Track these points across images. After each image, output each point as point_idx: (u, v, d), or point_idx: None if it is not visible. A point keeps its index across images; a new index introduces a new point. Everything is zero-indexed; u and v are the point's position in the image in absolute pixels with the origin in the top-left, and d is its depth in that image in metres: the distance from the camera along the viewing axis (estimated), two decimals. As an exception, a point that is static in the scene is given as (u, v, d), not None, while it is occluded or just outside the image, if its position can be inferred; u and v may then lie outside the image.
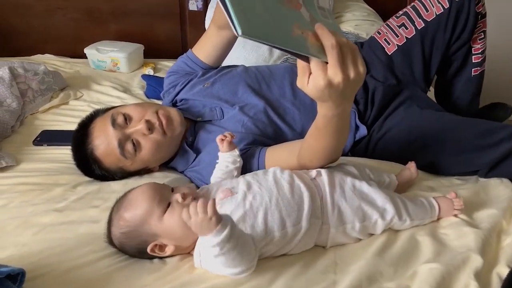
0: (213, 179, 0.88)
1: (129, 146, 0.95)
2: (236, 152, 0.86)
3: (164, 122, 0.98)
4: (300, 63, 0.59)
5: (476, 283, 0.68)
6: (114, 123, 0.95)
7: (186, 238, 0.73)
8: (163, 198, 0.74)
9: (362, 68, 0.60)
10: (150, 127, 0.96)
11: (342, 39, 0.58)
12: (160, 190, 0.76)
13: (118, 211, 0.75)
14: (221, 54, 1.17)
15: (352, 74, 0.59)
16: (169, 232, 0.73)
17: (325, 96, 0.61)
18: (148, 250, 0.73)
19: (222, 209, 0.73)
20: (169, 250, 0.73)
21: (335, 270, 0.73)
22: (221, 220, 0.62)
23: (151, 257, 0.76)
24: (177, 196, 0.74)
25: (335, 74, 0.57)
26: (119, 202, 0.77)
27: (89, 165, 0.98)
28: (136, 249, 0.74)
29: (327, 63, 0.57)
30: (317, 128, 0.74)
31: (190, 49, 1.21)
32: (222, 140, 0.85)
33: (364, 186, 0.79)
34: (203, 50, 1.17)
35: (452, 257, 0.74)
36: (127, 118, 0.97)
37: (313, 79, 0.59)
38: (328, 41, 0.56)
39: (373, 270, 0.71)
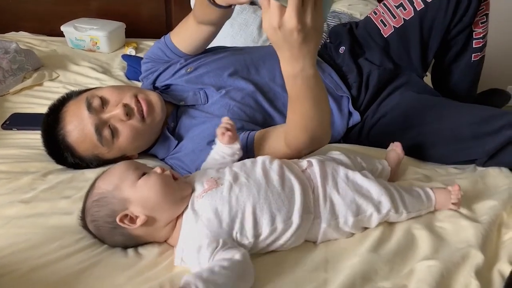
0: (206, 165, 0.81)
1: (106, 132, 0.88)
2: (237, 145, 0.78)
3: (144, 108, 0.90)
4: (262, 3, 0.60)
5: (477, 281, 0.64)
6: (89, 106, 0.87)
7: (159, 208, 0.68)
8: (140, 167, 0.71)
9: (320, 21, 0.61)
10: (128, 112, 0.89)
11: None
12: (139, 163, 0.74)
13: (94, 184, 0.71)
14: (201, 46, 1.09)
15: (308, 22, 0.59)
16: (142, 199, 0.67)
17: (279, 40, 0.62)
18: (117, 219, 0.66)
19: (206, 201, 0.67)
20: (139, 221, 0.67)
21: (326, 268, 0.67)
22: None
23: (125, 244, 0.70)
24: (156, 168, 0.71)
25: (290, 18, 0.59)
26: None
27: (61, 152, 0.90)
28: (107, 223, 0.68)
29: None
30: (289, 97, 0.73)
31: (168, 35, 1.10)
32: (223, 133, 0.77)
33: (357, 177, 0.74)
34: (183, 40, 1.08)
35: (451, 253, 0.69)
36: (103, 102, 0.89)
37: (269, 17, 0.60)
38: None
39: (367, 268, 0.66)
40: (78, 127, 0.87)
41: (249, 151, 0.86)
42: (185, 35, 1.07)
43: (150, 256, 0.70)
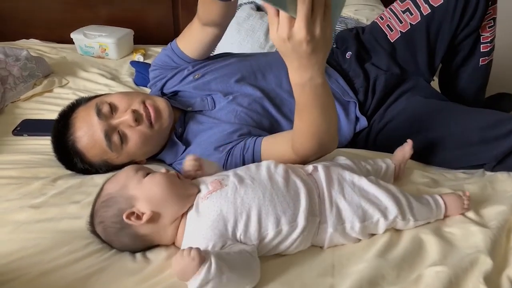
0: None
1: (116, 138, 0.89)
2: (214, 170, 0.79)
3: (152, 114, 0.91)
4: (270, 13, 0.60)
5: (486, 287, 0.63)
6: (99, 113, 0.89)
7: (165, 204, 0.69)
8: (145, 169, 0.74)
9: (329, 30, 0.60)
10: (137, 118, 0.90)
11: None
12: (145, 166, 0.76)
13: (102, 187, 0.73)
14: (207, 49, 1.10)
15: (317, 33, 0.59)
16: (148, 195, 0.68)
17: (288, 51, 0.62)
18: (124, 216, 0.67)
19: (210, 203, 0.68)
20: (145, 216, 0.68)
21: (333, 273, 0.67)
22: (203, 259, 0.58)
23: (133, 246, 0.71)
24: (161, 169, 0.74)
25: (299, 29, 0.58)
26: None
27: (70, 158, 0.91)
28: (114, 223, 0.69)
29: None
30: (297, 105, 0.73)
31: (174, 41, 1.12)
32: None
33: (364, 182, 0.74)
34: (189, 44, 1.09)
35: (460, 259, 0.68)
36: (112, 108, 0.90)
37: (279, 28, 0.60)
38: None
39: (374, 273, 0.66)
40: (87, 133, 0.89)
41: (255, 157, 0.87)
42: (190, 39, 1.08)
43: (158, 260, 0.70)
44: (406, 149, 0.89)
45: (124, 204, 0.68)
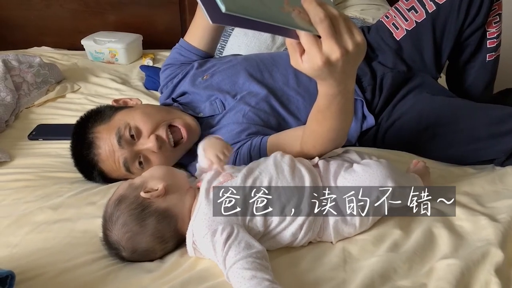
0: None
1: (136, 165, 0.89)
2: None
3: (185, 135, 0.93)
4: (288, 40, 0.53)
5: (497, 279, 0.63)
6: (120, 140, 0.87)
7: (172, 176, 0.74)
8: None
9: (359, 37, 0.53)
10: (161, 145, 0.89)
11: (332, 10, 0.51)
12: None
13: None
14: (213, 38, 1.13)
15: (350, 46, 0.52)
16: (153, 174, 0.74)
17: (323, 75, 0.55)
18: (142, 192, 0.69)
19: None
20: (161, 187, 0.71)
21: (345, 267, 0.68)
22: None
23: (159, 228, 0.69)
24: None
25: (331, 49, 0.51)
26: None
27: (92, 173, 0.92)
28: (133, 210, 0.69)
29: (319, 37, 0.51)
30: (319, 110, 0.69)
31: (181, 38, 1.16)
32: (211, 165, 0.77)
33: (356, 167, 0.73)
34: (195, 36, 1.13)
35: (471, 251, 0.69)
36: (135, 134, 0.88)
37: (308, 58, 0.52)
38: (316, 15, 0.49)
39: (386, 266, 0.67)
40: (110, 158, 0.88)
41: (262, 155, 0.88)
42: (197, 30, 1.13)
43: (173, 258, 0.71)
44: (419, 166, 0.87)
45: (137, 192, 0.70)
